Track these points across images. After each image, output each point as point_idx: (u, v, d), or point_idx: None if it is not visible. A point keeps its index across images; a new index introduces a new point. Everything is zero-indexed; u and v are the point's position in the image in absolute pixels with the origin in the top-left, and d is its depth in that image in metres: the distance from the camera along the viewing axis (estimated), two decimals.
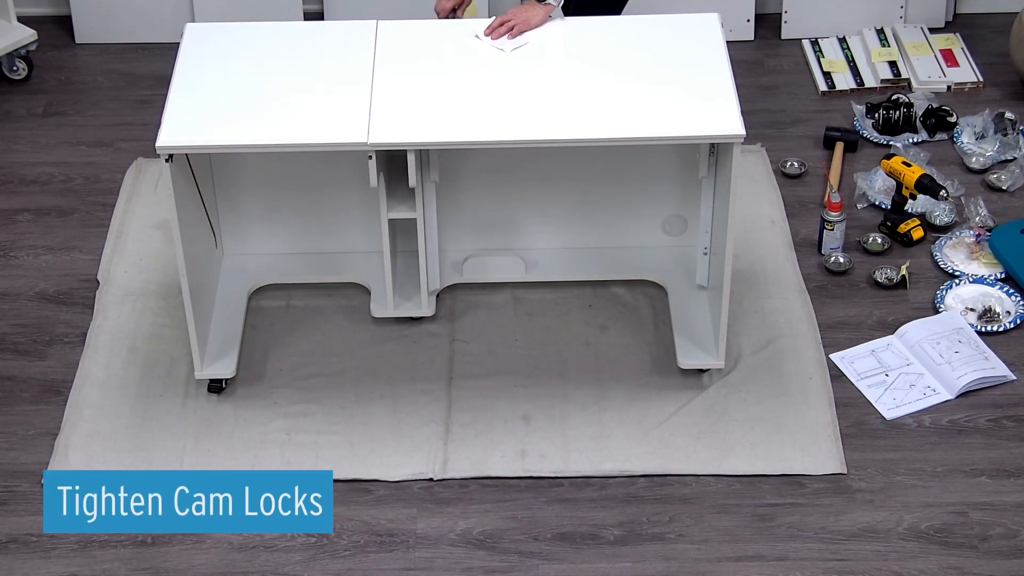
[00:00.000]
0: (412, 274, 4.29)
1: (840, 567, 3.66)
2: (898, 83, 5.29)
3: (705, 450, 3.95)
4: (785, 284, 4.46)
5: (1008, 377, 4.16)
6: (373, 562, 3.69)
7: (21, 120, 5.19)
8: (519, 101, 3.89)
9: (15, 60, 5.33)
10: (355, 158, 4.11)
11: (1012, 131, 4.98)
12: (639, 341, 4.28)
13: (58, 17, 5.64)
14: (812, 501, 3.83)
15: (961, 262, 4.53)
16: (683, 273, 4.37)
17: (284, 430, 4.02)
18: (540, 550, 3.72)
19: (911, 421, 4.05)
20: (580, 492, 3.86)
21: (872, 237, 4.62)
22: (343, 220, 4.40)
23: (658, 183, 4.37)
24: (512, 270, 4.41)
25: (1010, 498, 3.82)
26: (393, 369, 4.20)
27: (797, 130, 5.11)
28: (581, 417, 4.05)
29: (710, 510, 3.81)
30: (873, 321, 4.35)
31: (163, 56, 5.23)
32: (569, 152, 4.27)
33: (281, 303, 4.42)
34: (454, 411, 4.07)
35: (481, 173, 4.34)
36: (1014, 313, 4.35)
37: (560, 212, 4.42)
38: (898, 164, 4.59)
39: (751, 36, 5.55)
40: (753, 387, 4.13)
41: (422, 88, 3.93)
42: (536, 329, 4.33)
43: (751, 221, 4.66)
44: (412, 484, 3.88)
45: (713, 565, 3.67)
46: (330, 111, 3.86)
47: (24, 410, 4.08)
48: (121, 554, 3.71)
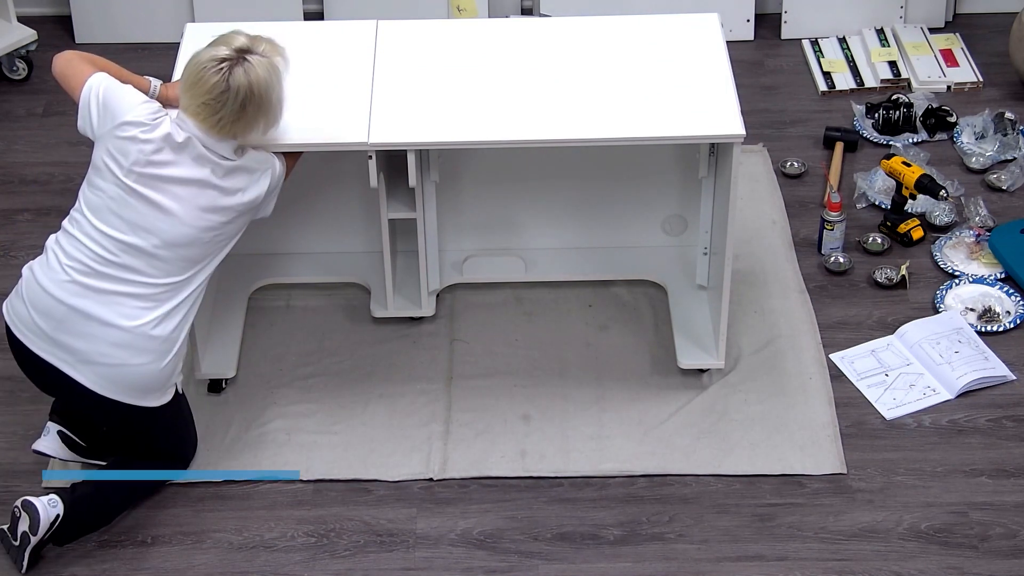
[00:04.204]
0: (412, 274, 4.29)
1: (840, 567, 3.66)
2: (898, 83, 5.29)
3: (705, 450, 3.95)
4: (785, 284, 4.46)
5: (1008, 377, 4.16)
6: (373, 562, 3.69)
7: (21, 120, 5.19)
8: (519, 101, 3.89)
9: (15, 60, 5.33)
10: (355, 158, 4.11)
11: (1012, 131, 4.98)
12: (639, 341, 4.28)
13: (58, 17, 5.64)
14: (812, 501, 3.83)
15: (961, 262, 4.53)
16: (683, 273, 4.37)
17: (284, 430, 4.02)
18: (540, 550, 3.72)
19: (911, 421, 4.05)
20: (580, 492, 3.86)
21: (872, 237, 4.62)
22: (343, 220, 4.41)
23: (658, 183, 4.37)
24: (512, 270, 4.41)
25: (1010, 498, 3.82)
26: (393, 369, 4.20)
27: (797, 130, 5.11)
28: (581, 417, 4.05)
29: (710, 510, 3.81)
30: (873, 321, 4.35)
31: (163, 56, 5.23)
32: (569, 152, 4.27)
33: (281, 303, 4.42)
34: (454, 411, 4.07)
35: (481, 173, 4.34)
36: (1014, 313, 4.35)
37: (560, 212, 4.42)
38: (898, 164, 4.59)
39: (751, 36, 5.55)
40: (753, 387, 4.13)
41: (422, 88, 3.93)
42: (536, 329, 4.33)
43: (751, 221, 4.66)
44: (412, 484, 3.88)
45: (713, 565, 3.67)
46: (330, 111, 3.86)
47: (24, 410, 4.08)
48: (121, 554, 3.71)
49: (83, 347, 3.55)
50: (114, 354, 3.56)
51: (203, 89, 3.50)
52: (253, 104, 3.52)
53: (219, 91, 3.49)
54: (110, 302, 3.55)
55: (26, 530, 3.58)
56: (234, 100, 3.50)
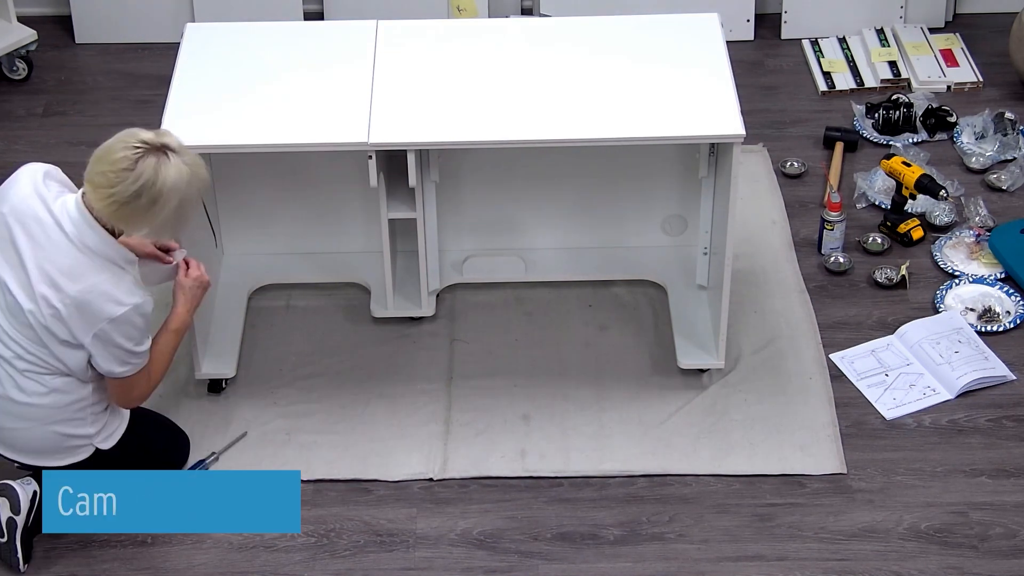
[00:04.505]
0: (412, 274, 4.29)
1: (840, 567, 3.66)
2: (898, 83, 5.29)
3: (705, 450, 3.95)
4: (785, 284, 4.46)
5: (1008, 377, 4.16)
6: (373, 562, 3.69)
7: (21, 120, 5.19)
8: (519, 101, 3.89)
9: (15, 60, 5.33)
10: (355, 158, 4.11)
11: (1012, 131, 4.98)
12: (639, 341, 4.28)
13: (58, 17, 5.64)
14: (812, 501, 3.83)
15: (961, 262, 4.53)
16: (683, 273, 4.37)
17: (284, 430, 4.02)
18: (540, 550, 3.72)
19: (911, 421, 4.05)
20: (580, 492, 3.86)
21: (872, 237, 4.62)
22: (343, 220, 4.41)
23: (658, 183, 4.37)
24: (512, 270, 4.41)
25: (1010, 498, 3.82)
26: (393, 369, 4.20)
27: (797, 130, 5.11)
28: (581, 417, 4.05)
29: (710, 510, 3.81)
30: (873, 321, 4.35)
31: (163, 56, 5.23)
32: (569, 152, 4.27)
33: (281, 303, 4.42)
34: (454, 411, 4.07)
35: (481, 173, 4.34)
36: (1014, 313, 4.35)
37: (560, 212, 4.42)
38: (898, 164, 4.59)
39: (751, 36, 5.55)
40: (753, 387, 4.13)
41: (422, 88, 3.93)
42: (536, 329, 4.33)
43: (751, 221, 4.66)
44: (412, 484, 3.88)
45: (713, 565, 3.67)
46: (330, 111, 3.86)
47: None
48: (121, 554, 3.71)
49: None
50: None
51: (111, 158, 3.31)
52: (148, 197, 3.29)
53: (122, 167, 3.29)
54: None
55: (10, 515, 3.57)
56: (133, 183, 3.28)
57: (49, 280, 3.34)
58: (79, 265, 3.35)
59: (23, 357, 3.43)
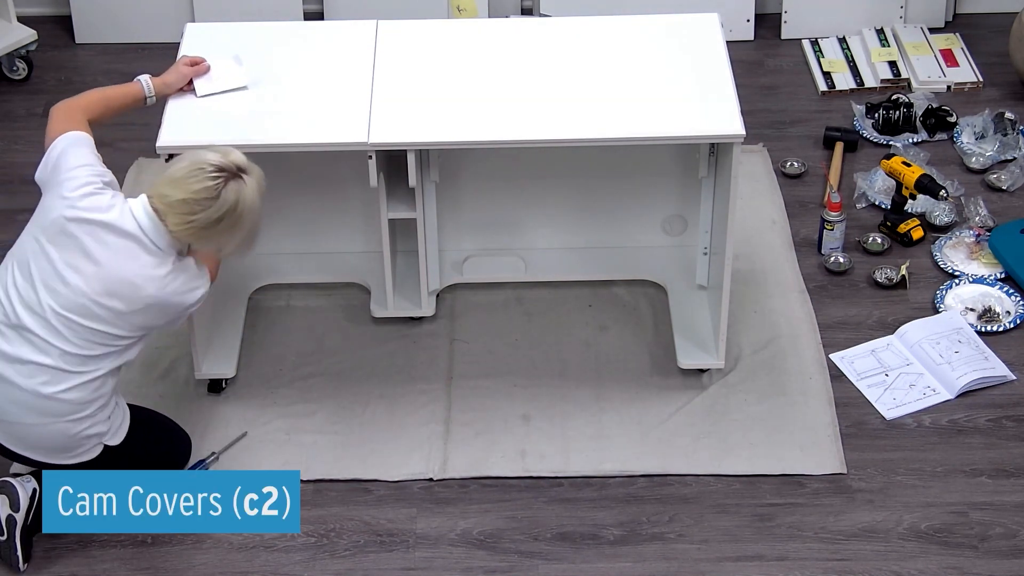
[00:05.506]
0: (412, 274, 4.29)
1: (840, 567, 3.66)
2: (898, 83, 5.30)
3: (705, 450, 3.95)
4: (785, 284, 4.46)
5: (1008, 377, 4.16)
6: (373, 562, 3.69)
7: (21, 120, 5.19)
8: (519, 101, 3.89)
9: (15, 60, 5.33)
10: (355, 158, 4.11)
11: (1012, 131, 4.98)
12: (639, 341, 4.28)
13: (58, 17, 5.64)
14: (812, 501, 3.83)
15: (961, 262, 4.53)
16: (683, 273, 4.37)
17: (284, 430, 4.02)
18: (540, 550, 3.72)
19: (911, 421, 4.05)
20: (580, 492, 3.86)
21: (872, 237, 4.62)
22: (343, 220, 4.41)
23: (658, 183, 4.37)
24: (512, 270, 4.41)
25: (1010, 498, 3.82)
26: (393, 369, 4.20)
27: (797, 130, 5.11)
28: (581, 417, 4.05)
29: (710, 510, 3.81)
30: (873, 321, 4.35)
31: (163, 56, 5.21)
32: (569, 152, 4.27)
33: (281, 303, 4.42)
34: (454, 411, 4.07)
35: (481, 173, 4.34)
36: (1014, 313, 4.35)
37: (560, 212, 4.42)
38: (898, 164, 4.59)
39: (751, 36, 5.56)
40: (753, 387, 4.13)
41: (422, 88, 3.93)
42: (536, 329, 4.33)
43: (751, 221, 4.66)
44: (412, 484, 3.88)
45: (713, 565, 3.67)
46: (330, 111, 3.86)
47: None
48: (121, 554, 3.71)
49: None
50: (9, 410, 3.48)
51: (190, 188, 3.37)
52: (229, 221, 3.42)
53: (205, 196, 3.37)
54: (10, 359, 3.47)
55: (10, 512, 3.57)
56: (217, 211, 3.39)
57: (116, 287, 3.41)
58: (147, 267, 3.43)
59: (69, 352, 3.44)
